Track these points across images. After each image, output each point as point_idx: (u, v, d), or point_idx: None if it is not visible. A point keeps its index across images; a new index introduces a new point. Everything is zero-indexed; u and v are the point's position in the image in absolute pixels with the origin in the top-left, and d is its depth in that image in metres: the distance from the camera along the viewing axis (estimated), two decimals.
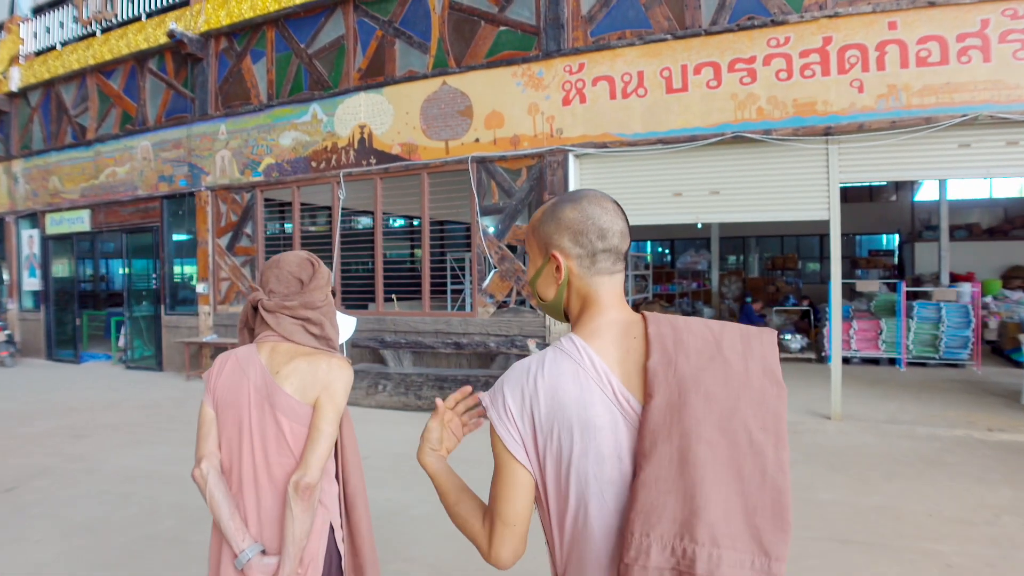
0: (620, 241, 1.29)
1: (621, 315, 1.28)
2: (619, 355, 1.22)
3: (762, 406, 1.15)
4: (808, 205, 7.36)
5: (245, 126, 10.60)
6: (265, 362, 1.97)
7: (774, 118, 7.24)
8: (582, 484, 1.18)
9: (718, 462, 1.10)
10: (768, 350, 1.22)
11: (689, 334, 1.20)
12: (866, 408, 7.79)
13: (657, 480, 1.10)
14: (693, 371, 1.15)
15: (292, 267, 2.03)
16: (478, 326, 8.57)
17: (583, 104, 8.02)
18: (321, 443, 1.90)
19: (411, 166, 9.05)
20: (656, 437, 1.12)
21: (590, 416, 1.17)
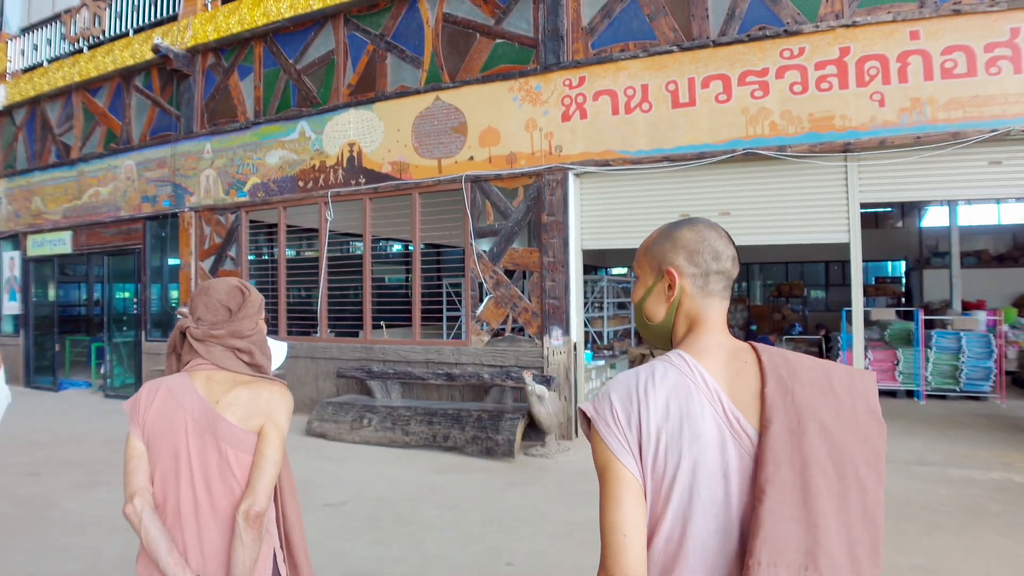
0: (732, 266, 1.32)
1: (727, 339, 1.29)
2: (728, 376, 1.23)
3: (867, 443, 1.17)
4: (826, 227, 6.80)
5: (231, 144, 10.10)
6: (202, 392, 1.92)
7: (788, 134, 6.71)
8: (685, 500, 1.16)
9: (830, 491, 1.12)
10: (870, 389, 1.23)
11: (801, 366, 1.22)
12: (890, 447, 7.16)
13: (784, 506, 1.10)
14: (809, 401, 1.16)
15: (221, 295, 2.00)
16: (471, 356, 7.97)
17: (584, 120, 7.50)
18: (268, 471, 1.88)
19: (402, 185, 8.52)
20: (780, 463, 1.12)
21: (700, 431, 1.17)
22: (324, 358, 9.04)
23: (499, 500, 5.62)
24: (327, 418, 7.88)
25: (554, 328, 7.48)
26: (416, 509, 5.42)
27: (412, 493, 5.84)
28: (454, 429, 7.07)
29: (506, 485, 6.03)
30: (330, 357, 8.98)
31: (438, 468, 6.62)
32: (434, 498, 5.68)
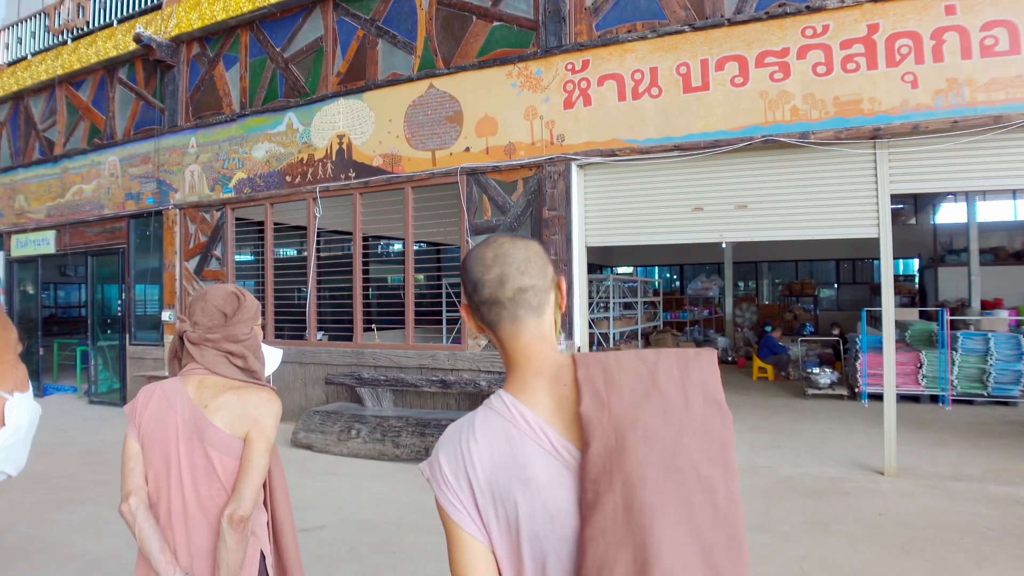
0: (498, 290, 1.19)
1: (547, 363, 1.18)
2: (552, 405, 1.14)
3: (707, 437, 1.07)
4: (852, 221, 6.20)
5: (216, 138, 9.54)
6: (193, 395, 1.97)
7: (812, 119, 6.11)
8: (536, 546, 1.10)
9: (667, 504, 1.03)
10: (708, 374, 1.12)
11: (621, 371, 1.11)
12: (921, 459, 6.55)
13: (604, 532, 1.03)
14: (628, 411, 1.07)
15: (217, 300, 2.04)
16: (468, 361, 7.39)
17: (587, 107, 6.91)
18: (254, 476, 1.90)
19: (393, 179, 7.95)
20: (598, 487, 1.04)
21: (530, 474, 1.10)
22: (313, 363, 8.48)
23: None
24: (313, 428, 7.32)
25: None
26: (402, 535, 4.84)
27: (399, 515, 5.26)
28: None
29: None
30: (319, 362, 8.42)
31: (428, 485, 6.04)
32: (423, 521, 5.10)
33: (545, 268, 1.24)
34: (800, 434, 7.67)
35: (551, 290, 1.26)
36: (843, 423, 8.29)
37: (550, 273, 1.25)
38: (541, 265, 1.23)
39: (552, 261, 1.40)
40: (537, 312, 1.21)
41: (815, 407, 9.41)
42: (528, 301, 1.19)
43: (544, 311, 1.22)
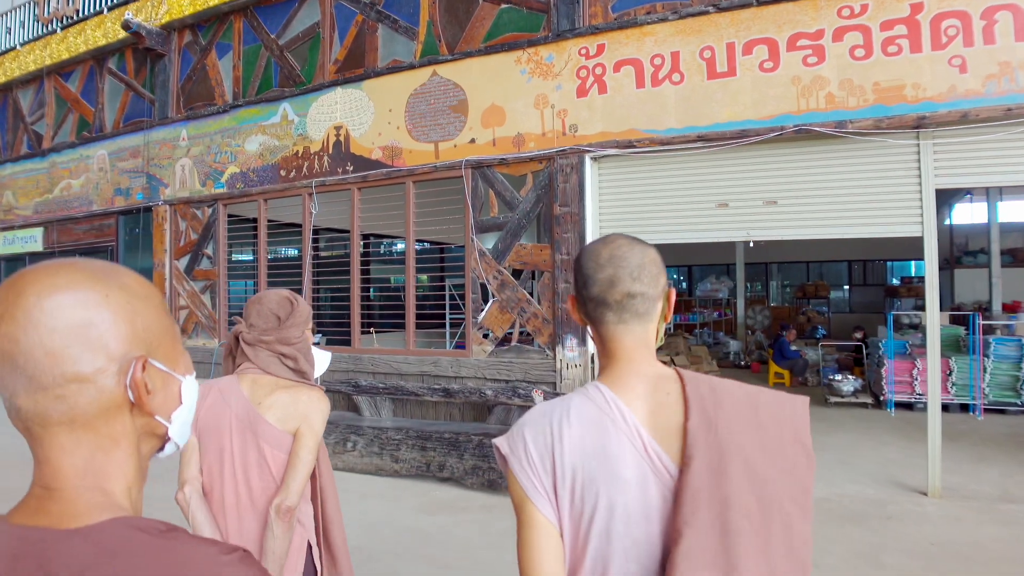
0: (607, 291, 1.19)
1: (648, 368, 1.20)
2: (649, 409, 1.15)
3: (792, 476, 1.10)
4: (893, 218, 5.65)
5: (208, 130, 9.02)
6: (247, 393, 2.07)
7: (849, 107, 5.56)
8: (604, 542, 1.10)
9: (753, 531, 1.04)
10: (800, 418, 1.16)
11: (727, 396, 1.13)
12: (963, 476, 6.01)
13: (702, 550, 1.02)
14: (733, 435, 1.08)
15: (272, 304, 2.14)
16: (472, 368, 6.85)
17: (603, 95, 6.37)
18: (301, 469, 2.00)
19: (393, 173, 7.41)
20: (698, 503, 1.04)
21: (618, 469, 1.10)
22: None
23: (501, 553, 4.50)
24: None
25: (568, 337, 6.36)
26: (398, 568, 4.31)
27: (395, 542, 4.72)
28: (451, 456, 5.95)
29: (510, 530, 4.91)
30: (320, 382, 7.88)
31: (430, 506, 5.51)
32: (422, 550, 4.57)
33: (658, 277, 1.22)
34: (829, 447, 7.12)
35: (660, 299, 1.23)
36: (872, 435, 7.74)
37: (662, 283, 1.23)
38: (655, 273, 1.22)
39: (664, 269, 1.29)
40: (644, 319, 1.21)
41: (839, 416, 8.86)
42: (636, 307, 1.19)
43: (650, 319, 1.22)
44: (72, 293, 0.74)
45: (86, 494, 0.75)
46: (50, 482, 0.76)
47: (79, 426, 0.76)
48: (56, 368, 0.73)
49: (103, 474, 0.77)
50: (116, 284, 0.78)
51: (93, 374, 0.75)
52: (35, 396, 0.73)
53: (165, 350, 0.83)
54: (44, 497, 0.75)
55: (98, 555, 0.70)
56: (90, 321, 0.74)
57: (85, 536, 0.72)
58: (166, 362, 0.83)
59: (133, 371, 0.77)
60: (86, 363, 0.74)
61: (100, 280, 0.77)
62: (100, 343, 0.75)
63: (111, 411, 0.77)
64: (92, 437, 0.77)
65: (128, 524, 0.74)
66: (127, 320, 0.77)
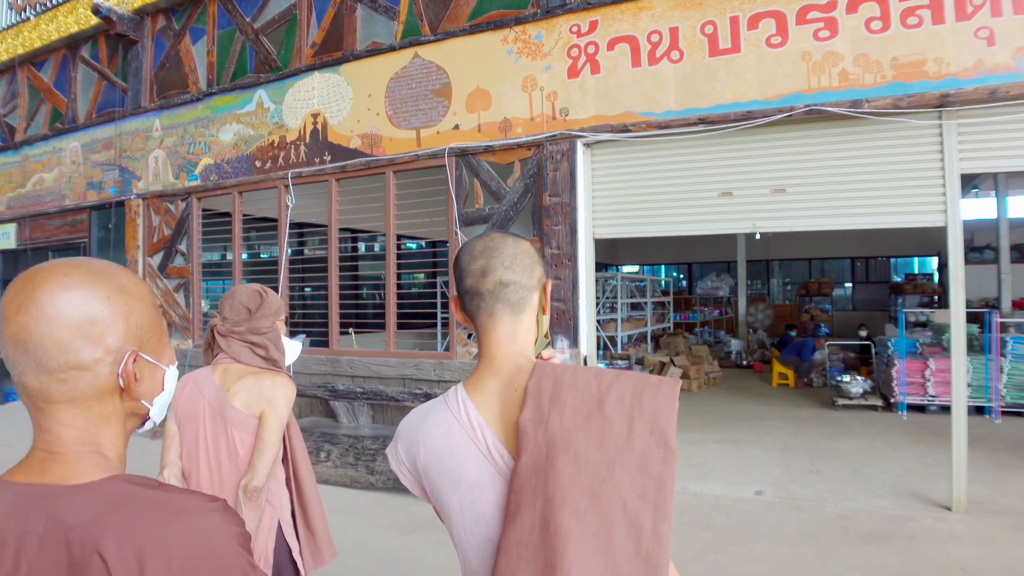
0: (480, 281, 1.18)
1: (507, 363, 1.18)
2: (499, 408, 1.14)
3: (643, 471, 1.03)
4: (914, 206, 5.13)
5: (181, 120, 8.49)
6: (218, 381, 2.20)
7: (865, 84, 5.03)
8: (463, 539, 1.12)
9: (585, 531, 0.99)
10: (663, 407, 1.06)
11: (571, 388, 1.09)
12: (988, 487, 5.48)
13: (518, 546, 1.02)
14: (565, 430, 1.05)
15: (243, 298, 2.27)
16: (456, 371, 6.32)
17: (595, 75, 5.84)
18: (266, 451, 2.10)
19: (373, 163, 6.87)
20: (520, 499, 1.03)
21: (463, 471, 1.11)
22: None
23: None
24: None
25: (559, 337, 5.83)
26: None
27: (362, 571, 4.20)
28: None
29: None
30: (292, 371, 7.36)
31: (406, 523, 4.99)
32: None
33: (533, 268, 1.21)
34: (839, 454, 6.59)
35: (535, 290, 1.22)
36: (884, 440, 7.21)
37: (537, 274, 1.22)
38: (528, 264, 1.21)
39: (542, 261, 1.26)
40: (515, 310, 1.19)
41: (848, 420, 8.33)
42: (508, 296, 1.18)
43: (523, 310, 1.20)
44: (79, 292, 0.87)
45: (88, 457, 0.89)
46: (52, 447, 0.89)
47: (76, 404, 0.89)
48: (61, 357, 0.86)
49: (99, 443, 0.91)
50: (117, 286, 0.91)
51: (92, 363, 0.88)
52: (41, 377, 0.86)
53: (153, 344, 0.96)
54: (47, 460, 0.88)
55: (104, 505, 0.83)
56: (93, 318, 0.87)
57: (92, 490, 0.85)
58: (153, 354, 0.96)
59: (126, 363, 0.91)
60: (87, 354, 0.87)
61: (103, 281, 0.90)
62: (100, 338, 0.88)
63: (104, 394, 0.91)
64: (87, 414, 0.90)
65: (126, 480, 0.87)
66: (124, 318, 0.90)
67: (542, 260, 1.25)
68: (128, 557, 0.79)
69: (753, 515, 5.02)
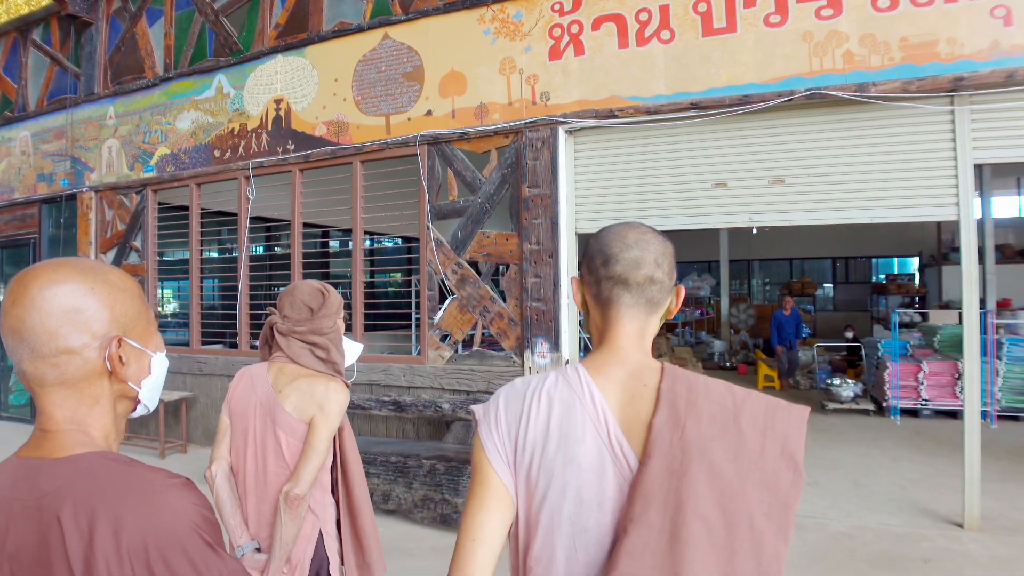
0: (631, 271, 1.15)
1: (634, 357, 1.16)
2: (623, 398, 1.11)
3: (771, 491, 1.01)
4: (923, 199, 4.70)
5: (137, 107, 7.88)
6: (271, 380, 2.12)
7: (871, 67, 4.60)
8: (553, 525, 1.07)
9: (712, 544, 0.97)
10: (794, 429, 1.05)
11: (706, 398, 1.06)
12: (997, 500, 5.08)
13: (644, 550, 0.98)
14: (701, 439, 1.02)
15: (304, 295, 2.18)
16: (428, 377, 5.80)
17: (579, 56, 5.36)
18: (313, 459, 2.02)
19: (339, 151, 6.33)
20: (649, 503, 1.00)
21: (577, 453, 1.07)
22: None
23: None
24: None
25: (538, 340, 5.34)
26: None
27: None
28: (397, 485, 4.90)
29: None
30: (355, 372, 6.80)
31: None
32: None
33: (673, 270, 1.20)
34: (837, 464, 6.17)
35: (671, 293, 1.21)
36: (881, 447, 6.81)
37: (675, 277, 1.21)
38: (672, 265, 1.20)
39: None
40: (652, 308, 1.18)
41: (841, 426, 7.93)
42: (652, 294, 1.17)
43: (657, 310, 1.19)
44: (66, 286, 0.95)
45: (73, 435, 0.96)
46: (46, 426, 0.97)
47: (68, 387, 0.97)
48: (52, 343, 0.94)
49: (86, 423, 0.98)
50: (101, 279, 0.99)
51: (80, 348, 0.96)
52: (35, 363, 0.95)
53: (139, 331, 1.04)
54: (41, 437, 0.97)
55: (76, 474, 0.90)
56: (79, 308, 0.96)
57: (69, 462, 0.92)
58: (139, 340, 1.03)
59: (111, 347, 0.98)
60: (75, 340, 0.95)
61: (88, 276, 0.98)
62: (86, 325, 0.96)
63: (93, 377, 0.98)
64: (78, 395, 0.97)
65: (102, 456, 0.94)
66: (108, 307, 0.98)
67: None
68: (81, 524, 0.85)
69: None
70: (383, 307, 10.34)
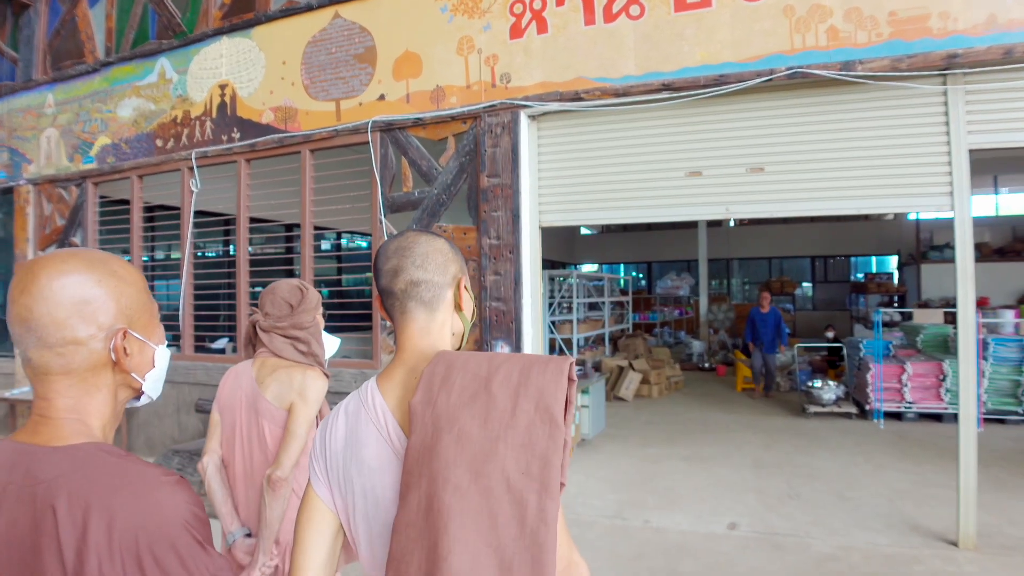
0: (391, 281, 1.19)
1: (414, 354, 1.18)
2: (401, 395, 1.14)
3: (527, 448, 1.00)
4: (914, 188, 4.28)
5: (77, 94, 7.30)
6: (254, 374, 2.20)
7: (858, 43, 4.17)
8: (367, 526, 1.11)
9: (468, 510, 0.97)
10: (550, 383, 1.04)
11: (461, 371, 1.08)
12: (991, 513, 4.68)
13: (407, 526, 1.01)
14: (450, 410, 1.04)
15: (284, 293, 2.27)
16: None
17: (542, 35, 4.89)
18: (292, 443, 2.07)
19: (287, 140, 5.81)
20: (409, 480, 1.03)
21: (364, 456, 1.12)
22: (187, 383, 6.31)
23: None
24: None
25: (498, 343, 4.86)
26: None
27: None
28: None
29: None
30: (195, 382, 6.26)
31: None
32: None
33: (446, 266, 1.21)
34: (819, 474, 5.76)
35: (449, 287, 1.21)
36: (865, 454, 6.40)
37: (451, 271, 1.22)
38: (441, 262, 1.20)
39: (458, 259, 1.27)
40: (428, 307, 1.19)
41: (822, 430, 7.52)
42: (420, 295, 1.18)
43: (436, 307, 1.20)
44: (74, 277, 0.96)
45: (71, 424, 0.97)
46: (45, 413, 0.97)
47: (72, 376, 0.97)
48: (59, 333, 0.95)
49: (86, 412, 0.99)
50: (108, 271, 1.00)
51: (86, 339, 0.97)
52: (41, 352, 0.95)
53: (143, 324, 1.04)
54: (40, 423, 0.97)
55: (72, 465, 0.91)
56: (86, 299, 0.96)
57: (65, 452, 0.93)
58: (143, 333, 1.04)
59: (116, 338, 0.99)
60: (81, 330, 0.96)
61: (96, 267, 0.99)
62: (93, 316, 0.97)
63: (97, 367, 0.99)
64: (81, 384, 0.98)
65: (98, 447, 0.95)
66: (114, 299, 0.99)
67: (458, 257, 1.25)
68: (76, 515, 0.86)
69: (728, 557, 4.11)
70: (354, 308, 9.81)
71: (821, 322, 15.78)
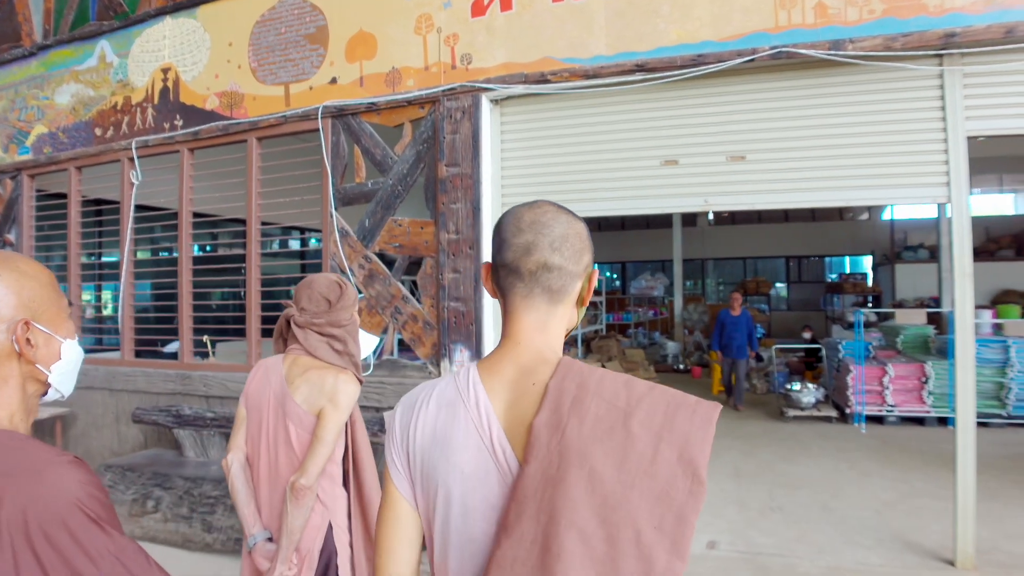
0: (522, 258, 1.03)
1: (530, 352, 1.03)
2: (510, 399, 1.00)
3: (663, 501, 0.88)
4: (908, 178, 3.92)
5: (13, 79, 6.73)
6: (284, 372, 2.09)
7: (848, 21, 3.79)
8: (444, 533, 1.01)
9: (590, 557, 0.86)
10: (697, 432, 0.90)
11: (597, 395, 0.94)
12: (986, 526, 4.32)
13: (514, 562, 0.89)
14: (582, 442, 0.91)
15: (322, 288, 2.15)
16: None
17: (506, 12, 4.45)
18: (320, 450, 1.97)
19: (232, 127, 5.31)
20: (522, 511, 0.90)
21: (459, 461, 0.99)
22: (127, 390, 5.77)
23: None
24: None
25: (457, 347, 4.40)
26: None
27: None
28: None
29: None
30: (134, 389, 5.72)
31: None
32: None
33: (582, 253, 1.07)
34: (803, 483, 5.38)
35: (580, 279, 1.08)
36: (848, 461, 6.05)
37: (585, 260, 1.08)
38: (578, 248, 1.06)
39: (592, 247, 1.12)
40: (553, 298, 1.05)
41: (803, 435, 7.17)
42: (549, 282, 1.04)
43: (562, 299, 1.06)
44: None
45: None
46: None
47: None
48: None
49: None
50: (10, 267, 1.02)
51: None
52: None
53: (49, 317, 1.06)
54: None
55: None
56: None
57: None
58: (49, 326, 1.05)
59: (17, 329, 1.00)
60: None
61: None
62: None
63: (2, 358, 1.00)
64: None
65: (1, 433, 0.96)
66: (15, 293, 1.01)
67: (592, 245, 1.10)
68: None
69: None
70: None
71: (796, 322, 15.55)
